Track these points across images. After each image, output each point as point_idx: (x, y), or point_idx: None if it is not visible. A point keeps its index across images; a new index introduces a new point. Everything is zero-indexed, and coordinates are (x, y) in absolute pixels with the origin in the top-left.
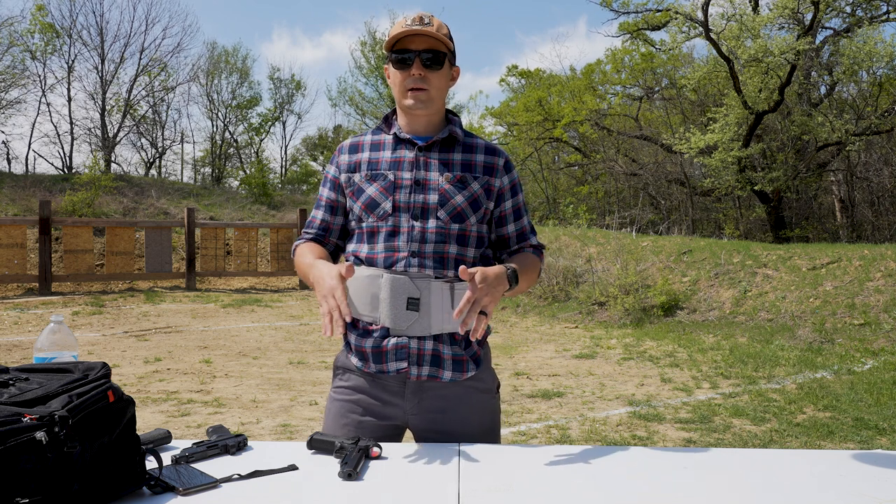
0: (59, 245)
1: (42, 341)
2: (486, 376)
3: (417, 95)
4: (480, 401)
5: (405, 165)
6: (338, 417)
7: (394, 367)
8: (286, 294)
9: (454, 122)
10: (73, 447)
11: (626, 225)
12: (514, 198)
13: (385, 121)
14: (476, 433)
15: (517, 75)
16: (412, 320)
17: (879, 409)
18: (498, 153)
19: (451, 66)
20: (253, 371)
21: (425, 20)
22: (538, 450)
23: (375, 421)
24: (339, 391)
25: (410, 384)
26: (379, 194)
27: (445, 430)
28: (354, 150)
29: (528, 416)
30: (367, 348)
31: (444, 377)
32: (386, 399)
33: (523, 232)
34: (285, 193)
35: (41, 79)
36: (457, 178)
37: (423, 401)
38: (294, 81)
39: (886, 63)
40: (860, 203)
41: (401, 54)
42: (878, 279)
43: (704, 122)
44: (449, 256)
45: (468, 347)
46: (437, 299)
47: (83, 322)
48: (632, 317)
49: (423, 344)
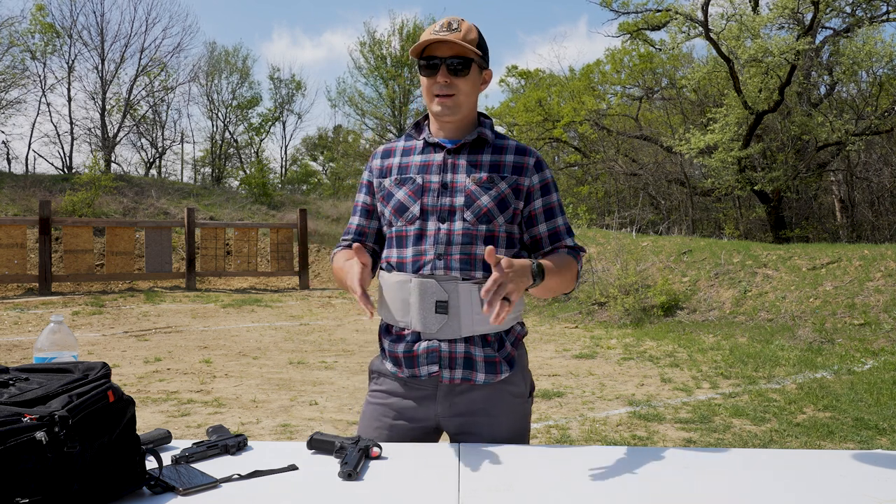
0: (59, 245)
1: (42, 341)
2: (519, 379)
3: (444, 102)
4: (512, 404)
5: (433, 169)
6: (371, 421)
7: (426, 371)
8: (286, 294)
9: (485, 124)
10: (73, 447)
11: (626, 225)
12: (546, 197)
13: (416, 126)
14: (506, 437)
15: (517, 76)
16: (442, 323)
17: (879, 409)
18: (528, 153)
19: (482, 70)
20: (253, 371)
21: (453, 25)
22: (538, 450)
23: (408, 424)
24: (374, 395)
25: (443, 387)
26: (407, 198)
27: (477, 433)
28: (387, 156)
29: None
30: (399, 353)
31: (478, 380)
32: (419, 402)
33: (557, 232)
34: (285, 193)
35: (41, 79)
36: (484, 179)
37: (454, 404)
38: (294, 81)
39: (886, 63)
40: (860, 203)
41: (428, 61)
42: (878, 279)
43: (704, 122)
44: (476, 258)
45: (501, 349)
46: (465, 301)
47: (83, 322)
48: (632, 317)
49: (454, 347)
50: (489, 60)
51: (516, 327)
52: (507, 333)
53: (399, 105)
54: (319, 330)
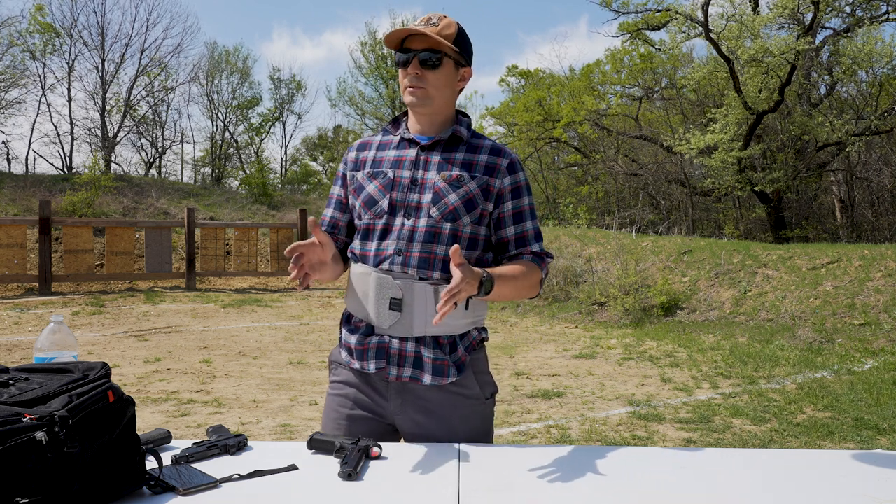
0: (59, 245)
1: (42, 341)
2: (472, 382)
3: (414, 93)
4: (466, 407)
5: (406, 164)
6: (330, 412)
7: (373, 366)
8: (286, 294)
9: (462, 122)
10: (74, 447)
11: (626, 225)
12: (516, 200)
13: (394, 121)
14: (463, 439)
15: (517, 75)
16: (394, 320)
17: (879, 409)
18: (503, 154)
19: (459, 66)
20: (253, 371)
21: (433, 20)
22: (538, 450)
23: (365, 413)
24: (333, 386)
25: (393, 385)
26: (377, 192)
27: (430, 435)
28: (363, 149)
29: (528, 416)
30: (352, 344)
31: (425, 381)
32: (373, 396)
33: (524, 237)
34: (285, 193)
35: (41, 79)
36: (454, 177)
37: (405, 403)
38: (294, 81)
39: (886, 63)
40: (860, 203)
41: (402, 54)
42: (878, 279)
43: (704, 122)
44: (436, 258)
45: (452, 353)
46: (420, 301)
47: (83, 322)
48: (632, 317)
49: (404, 345)
50: (471, 59)
51: (472, 332)
52: (462, 338)
53: (399, 105)
54: (319, 330)
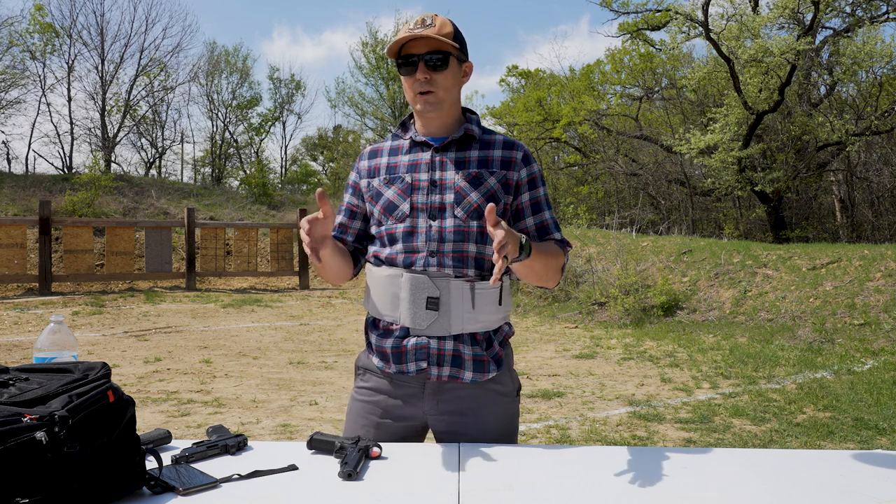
0: (59, 245)
1: (42, 341)
2: (507, 378)
3: (426, 99)
4: (500, 404)
5: (422, 167)
6: (357, 418)
7: (414, 367)
8: (286, 294)
9: (471, 120)
10: (73, 447)
11: (626, 225)
12: (533, 191)
13: (402, 126)
14: (494, 437)
15: (517, 75)
16: (432, 320)
17: (879, 409)
18: (516, 147)
19: (461, 63)
20: (253, 371)
21: (427, 21)
22: (538, 450)
23: (394, 423)
24: (360, 392)
25: (430, 385)
26: (397, 196)
27: (464, 433)
28: (374, 156)
29: (528, 416)
30: (387, 348)
31: (465, 378)
32: (406, 400)
33: (544, 226)
34: (285, 193)
35: (41, 79)
36: (472, 176)
37: (441, 402)
38: (294, 81)
39: (886, 63)
40: (860, 203)
41: (406, 60)
42: (878, 279)
43: (704, 122)
44: (468, 255)
45: (489, 348)
46: (456, 299)
47: (83, 322)
48: (632, 317)
49: (443, 344)
50: (468, 52)
51: (504, 327)
52: (496, 333)
53: (400, 105)
54: (319, 330)
